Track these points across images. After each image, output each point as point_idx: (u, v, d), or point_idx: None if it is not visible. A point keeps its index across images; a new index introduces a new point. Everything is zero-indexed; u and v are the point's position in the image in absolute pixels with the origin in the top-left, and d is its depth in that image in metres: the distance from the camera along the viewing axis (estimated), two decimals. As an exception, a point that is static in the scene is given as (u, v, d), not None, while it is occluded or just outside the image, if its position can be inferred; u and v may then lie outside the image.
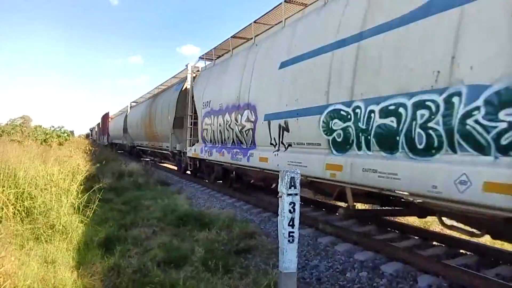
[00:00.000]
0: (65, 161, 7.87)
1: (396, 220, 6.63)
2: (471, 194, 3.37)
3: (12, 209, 4.69)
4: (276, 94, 6.81)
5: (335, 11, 5.64)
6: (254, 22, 8.55)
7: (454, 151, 3.66)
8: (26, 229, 4.46)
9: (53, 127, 21.45)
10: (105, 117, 38.31)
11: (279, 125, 6.68)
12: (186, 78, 13.10)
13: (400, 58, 4.29)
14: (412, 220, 6.57)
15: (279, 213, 3.30)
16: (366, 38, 4.83)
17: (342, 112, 5.14)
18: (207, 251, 4.41)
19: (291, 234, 3.23)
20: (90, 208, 5.45)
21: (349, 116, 5.02)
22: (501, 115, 3.26)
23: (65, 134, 21.42)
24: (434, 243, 5.28)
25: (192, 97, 11.87)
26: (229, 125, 8.76)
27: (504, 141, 3.23)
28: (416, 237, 5.54)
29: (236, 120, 8.33)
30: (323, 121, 5.50)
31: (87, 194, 5.81)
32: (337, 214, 6.87)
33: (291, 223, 3.22)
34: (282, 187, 3.25)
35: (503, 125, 3.22)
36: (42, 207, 4.90)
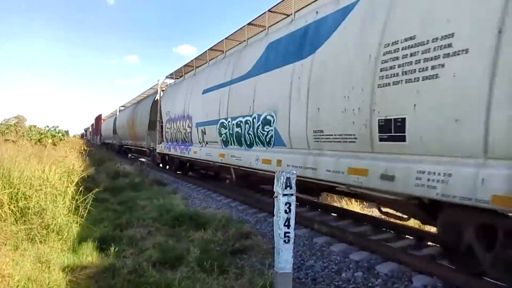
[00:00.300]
0: (60, 161, 7.82)
1: (391, 220, 6.64)
2: (259, 165, 7.11)
3: (7, 209, 4.66)
4: (200, 110, 10.37)
5: (224, 64, 9.52)
6: (195, 58, 12.15)
7: (257, 145, 7.34)
8: (21, 230, 4.43)
9: (47, 126, 21.30)
10: (98, 119, 40.33)
11: (201, 130, 10.27)
12: (157, 91, 16.75)
13: (241, 97, 7.94)
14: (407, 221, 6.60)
15: (274, 213, 3.30)
16: (232, 84, 8.46)
17: (224, 124, 8.75)
18: (203, 252, 4.40)
19: (286, 234, 3.23)
20: (85, 208, 5.42)
21: (226, 126, 8.61)
22: (265, 128, 6.91)
23: (60, 134, 21.27)
24: (429, 243, 5.30)
25: (160, 107, 15.26)
26: (180, 129, 12.28)
27: (267, 140, 6.93)
28: (411, 237, 5.57)
29: (183, 126, 11.88)
30: (218, 129, 9.09)
31: (83, 194, 5.77)
32: (226, 181, 10.83)
33: (286, 223, 3.23)
34: (277, 188, 3.26)
35: (265, 133, 6.91)
36: (36, 208, 4.86)
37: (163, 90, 15.89)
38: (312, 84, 5.50)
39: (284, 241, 3.22)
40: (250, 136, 7.50)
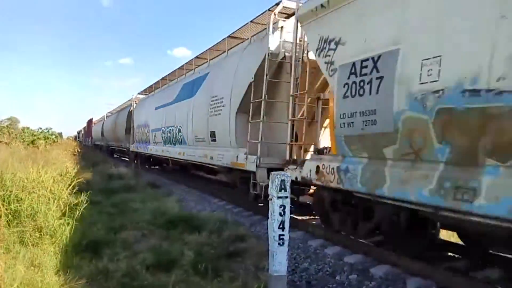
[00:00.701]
0: (54, 163, 7.77)
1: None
2: (177, 155, 11.88)
3: (-1, 211, 4.60)
4: (153, 120, 14.87)
5: (167, 91, 14.31)
6: (154, 83, 17.18)
7: (177, 144, 11.95)
8: (13, 233, 4.38)
9: (40, 128, 21.21)
10: (90, 122, 44.00)
11: (154, 134, 14.73)
12: (132, 104, 21.29)
13: (171, 114, 12.46)
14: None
15: (269, 216, 3.30)
16: (168, 106, 12.97)
17: (164, 130, 13.12)
18: (197, 254, 4.37)
19: (281, 237, 3.23)
20: (79, 211, 5.38)
21: (165, 132, 13.02)
22: (179, 134, 11.58)
23: (53, 136, 21.17)
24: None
25: (132, 116, 19.56)
26: (143, 133, 16.77)
27: (180, 141, 11.60)
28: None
29: (145, 131, 16.32)
30: (161, 133, 13.50)
31: (76, 197, 5.73)
32: (166, 166, 16.83)
33: (281, 226, 3.22)
34: (272, 190, 3.25)
35: (180, 137, 11.55)
36: (29, 210, 4.81)
37: (136, 103, 20.33)
38: (194, 111, 10.21)
39: (279, 243, 3.22)
40: (174, 138, 12.12)
